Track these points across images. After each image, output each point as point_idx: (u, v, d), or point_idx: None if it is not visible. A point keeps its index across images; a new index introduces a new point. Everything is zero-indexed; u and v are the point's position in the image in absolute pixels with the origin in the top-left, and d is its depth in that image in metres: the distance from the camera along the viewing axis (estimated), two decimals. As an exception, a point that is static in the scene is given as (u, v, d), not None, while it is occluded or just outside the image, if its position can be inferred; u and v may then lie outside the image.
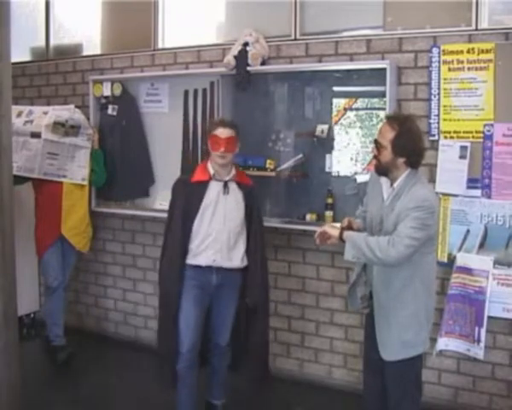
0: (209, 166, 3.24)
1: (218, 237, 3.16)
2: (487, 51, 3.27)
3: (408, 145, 2.58)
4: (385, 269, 2.64)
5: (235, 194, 3.23)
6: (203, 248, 3.16)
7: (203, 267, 3.17)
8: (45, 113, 4.15)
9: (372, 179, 2.84)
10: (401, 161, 2.59)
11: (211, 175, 3.20)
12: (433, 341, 3.20)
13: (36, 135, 4.05)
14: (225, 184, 3.20)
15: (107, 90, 4.40)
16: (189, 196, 3.19)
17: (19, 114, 4.15)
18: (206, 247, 3.16)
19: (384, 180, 2.70)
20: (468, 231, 3.36)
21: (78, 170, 4.18)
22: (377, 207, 2.72)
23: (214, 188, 3.19)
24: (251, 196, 3.29)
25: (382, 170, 2.66)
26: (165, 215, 3.51)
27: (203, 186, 3.18)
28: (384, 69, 3.41)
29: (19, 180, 3.78)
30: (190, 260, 3.18)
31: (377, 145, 2.64)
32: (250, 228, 3.26)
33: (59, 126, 4.08)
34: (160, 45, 4.42)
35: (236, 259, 3.21)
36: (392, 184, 2.66)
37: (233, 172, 3.25)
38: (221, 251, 3.16)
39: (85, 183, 4.23)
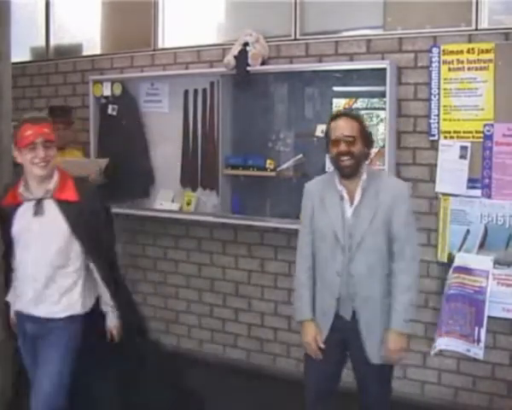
0: (21, 182, 2.47)
1: (30, 276, 2.41)
2: (487, 51, 3.27)
3: (370, 135, 2.54)
4: (369, 286, 2.49)
5: (54, 215, 2.41)
6: (19, 290, 2.47)
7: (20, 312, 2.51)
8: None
9: (312, 198, 2.59)
10: (366, 151, 2.51)
11: (20, 194, 2.43)
12: (431, 340, 3.19)
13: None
14: (38, 203, 2.40)
15: (107, 90, 4.39)
16: (2, 225, 2.50)
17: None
18: (21, 290, 2.45)
19: (340, 189, 2.50)
20: (468, 231, 3.36)
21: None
22: (338, 220, 2.48)
23: (24, 211, 2.42)
24: (83, 213, 2.42)
25: (356, 166, 2.46)
26: (165, 215, 3.48)
27: (13, 211, 2.44)
28: (384, 69, 3.42)
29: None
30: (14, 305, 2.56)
31: (350, 140, 2.42)
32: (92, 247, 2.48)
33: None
34: (160, 45, 4.42)
35: (58, 304, 2.41)
36: (356, 185, 2.49)
37: (52, 184, 2.43)
38: (34, 295, 2.40)
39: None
